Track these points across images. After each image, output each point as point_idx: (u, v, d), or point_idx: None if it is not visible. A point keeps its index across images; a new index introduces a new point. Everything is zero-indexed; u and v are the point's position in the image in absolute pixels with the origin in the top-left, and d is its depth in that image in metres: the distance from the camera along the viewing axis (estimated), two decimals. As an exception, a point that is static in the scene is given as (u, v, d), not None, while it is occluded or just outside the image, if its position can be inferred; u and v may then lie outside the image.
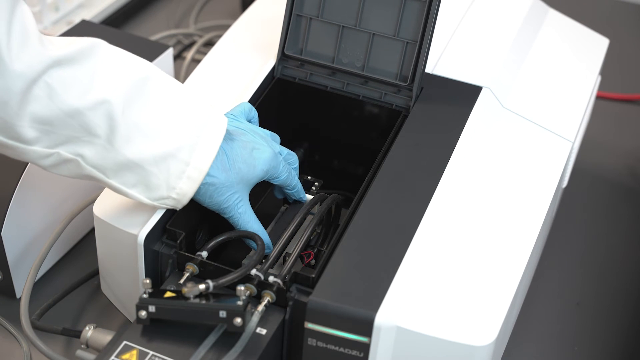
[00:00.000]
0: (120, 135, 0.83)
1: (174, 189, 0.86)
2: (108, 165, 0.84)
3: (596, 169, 1.30)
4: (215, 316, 0.81)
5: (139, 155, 0.84)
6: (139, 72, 0.85)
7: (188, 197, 0.87)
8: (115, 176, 0.85)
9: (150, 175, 0.85)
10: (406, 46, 1.01)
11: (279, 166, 0.93)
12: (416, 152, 0.96)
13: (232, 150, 0.89)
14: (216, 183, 0.87)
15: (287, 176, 0.95)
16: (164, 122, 0.85)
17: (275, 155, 0.93)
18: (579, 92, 1.12)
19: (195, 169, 0.85)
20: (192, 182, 0.86)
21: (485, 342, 0.80)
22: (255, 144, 0.92)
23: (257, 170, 0.91)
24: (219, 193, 0.88)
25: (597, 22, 1.37)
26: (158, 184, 0.85)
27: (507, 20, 1.16)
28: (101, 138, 0.83)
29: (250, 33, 1.15)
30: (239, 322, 0.81)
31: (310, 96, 1.05)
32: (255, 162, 0.90)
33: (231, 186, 0.89)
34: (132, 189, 0.86)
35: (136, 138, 0.84)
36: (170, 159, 0.85)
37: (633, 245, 1.18)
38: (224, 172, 0.88)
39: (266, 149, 0.92)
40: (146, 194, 0.86)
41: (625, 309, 1.09)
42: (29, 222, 1.02)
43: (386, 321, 0.80)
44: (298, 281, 0.84)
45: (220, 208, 0.90)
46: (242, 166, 0.89)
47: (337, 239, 0.87)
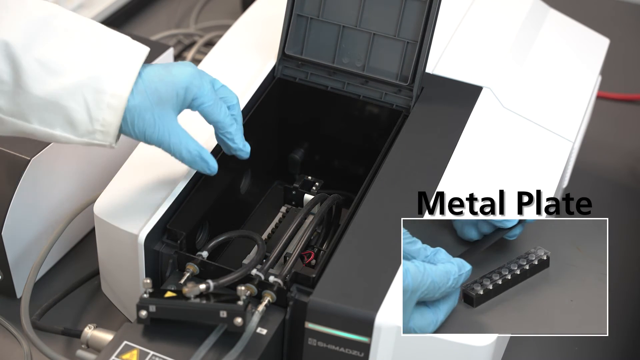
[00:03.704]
0: (27, 75, 0.80)
1: (97, 120, 0.82)
2: (24, 109, 0.82)
3: (596, 169, 1.30)
4: (215, 316, 0.81)
5: (51, 91, 0.81)
6: (42, 11, 0.83)
7: (114, 127, 0.83)
8: (36, 119, 0.82)
9: (70, 111, 0.82)
10: (406, 46, 1.01)
11: (203, 87, 0.86)
12: (416, 152, 0.96)
13: (149, 72, 0.85)
14: (132, 108, 0.83)
15: (213, 105, 0.87)
16: (71, 56, 0.82)
17: (199, 74, 0.86)
18: (580, 92, 1.12)
19: (113, 96, 0.82)
20: (114, 110, 0.82)
21: (485, 342, 0.80)
22: (174, 64, 0.87)
23: (176, 87, 0.84)
24: (139, 118, 0.84)
25: (598, 22, 1.37)
26: (80, 119, 0.82)
27: (507, 20, 1.16)
28: (8, 83, 0.81)
29: (251, 33, 1.15)
30: (240, 322, 0.81)
31: (310, 96, 1.05)
32: (174, 79, 0.85)
33: (149, 108, 0.84)
34: (56, 129, 0.83)
35: (44, 75, 0.81)
36: (86, 89, 0.81)
37: (633, 245, 1.18)
38: (139, 95, 0.83)
39: (186, 66, 0.86)
40: (72, 132, 0.83)
41: (625, 309, 1.08)
42: (29, 222, 1.01)
43: (386, 321, 0.80)
44: (298, 281, 0.84)
45: (148, 137, 0.85)
46: (159, 85, 0.84)
47: (338, 239, 0.87)
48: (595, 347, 1.03)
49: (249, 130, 0.99)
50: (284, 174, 1.10)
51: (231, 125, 0.89)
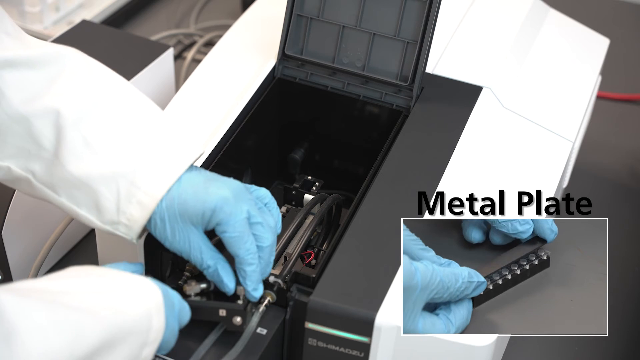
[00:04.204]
0: (68, 150, 0.78)
1: (124, 213, 0.79)
2: (56, 182, 0.79)
3: (596, 169, 1.30)
4: (215, 314, 0.81)
5: (86, 172, 0.78)
6: (104, 86, 0.80)
7: (139, 225, 0.79)
8: (64, 194, 0.79)
9: (100, 196, 0.79)
10: (407, 46, 1.01)
11: (234, 216, 0.79)
12: (416, 152, 0.96)
13: (189, 178, 0.80)
14: (158, 211, 0.79)
15: (237, 238, 0.79)
16: (116, 141, 0.79)
17: (235, 201, 0.79)
18: (580, 92, 1.12)
19: (146, 194, 0.78)
20: (143, 208, 0.79)
21: (485, 342, 0.80)
22: (217, 180, 0.81)
23: (205, 207, 0.78)
24: (162, 224, 0.79)
25: (598, 22, 1.37)
26: (108, 207, 0.79)
27: (507, 20, 1.16)
28: (48, 151, 0.78)
29: (251, 33, 1.15)
30: (239, 321, 0.81)
31: (310, 96, 1.05)
32: (206, 198, 0.79)
33: (174, 218, 0.79)
34: (82, 208, 0.80)
35: (84, 154, 0.78)
36: (121, 179, 0.78)
37: (633, 245, 1.18)
38: (168, 201, 0.79)
39: (225, 189, 0.79)
40: (97, 216, 0.80)
41: (625, 309, 1.08)
42: (29, 222, 1.01)
43: (387, 321, 0.80)
44: (298, 281, 0.84)
45: (168, 245, 0.81)
46: (189, 199, 0.79)
47: (338, 239, 0.87)
48: (595, 347, 1.03)
49: (249, 131, 1.00)
50: (284, 174, 1.10)
51: (250, 265, 0.80)
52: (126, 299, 0.72)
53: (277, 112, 1.07)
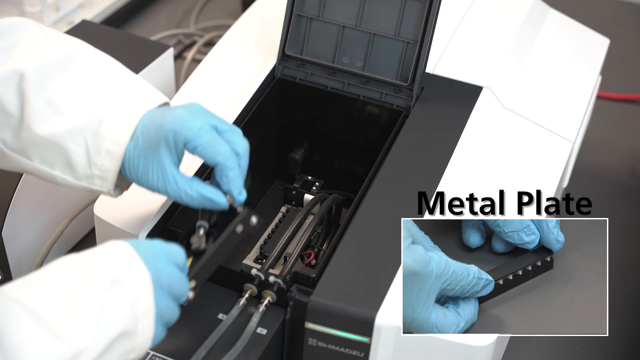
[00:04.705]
0: (32, 113, 0.79)
1: (96, 165, 0.80)
2: (27, 146, 0.80)
3: (596, 169, 1.30)
4: (235, 236, 0.79)
5: (53, 131, 0.79)
6: (65, 49, 0.81)
7: (112, 174, 0.80)
8: (37, 158, 0.80)
9: (70, 152, 0.79)
10: (407, 46, 1.01)
11: (197, 129, 0.78)
12: (416, 152, 0.96)
13: (148, 116, 0.81)
14: (127, 153, 0.80)
15: (210, 146, 0.78)
16: (80, 98, 0.80)
17: (192, 116, 0.79)
18: (580, 92, 1.12)
19: (112, 141, 0.79)
20: (112, 156, 0.79)
21: (485, 342, 0.80)
22: (174, 107, 0.82)
23: (164, 130, 0.78)
24: (134, 165, 0.80)
25: (598, 22, 1.37)
26: (79, 161, 0.80)
27: (507, 21, 1.16)
28: (15, 118, 0.79)
29: (251, 33, 1.15)
30: (255, 220, 0.80)
31: (310, 96, 1.05)
32: (164, 120, 0.79)
33: (143, 154, 0.80)
34: (56, 169, 0.81)
35: (48, 115, 0.79)
36: (87, 131, 0.79)
37: (633, 245, 1.18)
38: (134, 141, 0.80)
39: (180, 109, 0.80)
40: (71, 174, 0.81)
41: (625, 309, 1.09)
42: (29, 222, 1.02)
43: (387, 321, 0.80)
44: (299, 281, 0.84)
45: (144, 184, 0.81)
46: (151, 129, 0.79)
47: (338, 239, 0.87)
48: (595, 347, 1.03)
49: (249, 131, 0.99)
50: (284, 174, 1.10)
51: (232, 169, 0.80)
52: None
53: (277, 112, 1.07)
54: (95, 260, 0.70)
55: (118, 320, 0.68)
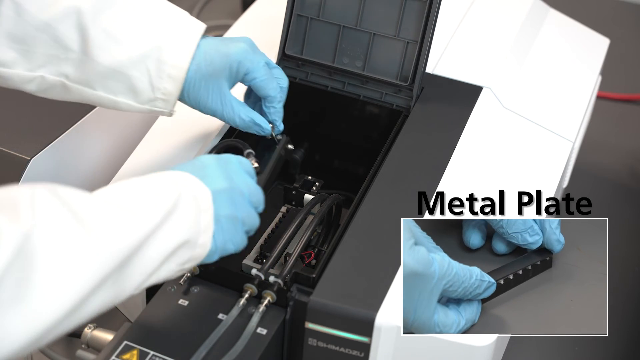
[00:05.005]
0: (94, 44, 0.85)
1: (159, 89, 0.88)
2: (90, 77, 0.86)
3: (596, 169, 1.30)
4: (280, 157, 0.95)
5: (116, 60, 0.86)
6: None
7: (174, 96, 0.88)
8: (101, 87, 0.87)
9: (133, 79, 0.87)
10: (407, 46, 1.01)
11: (256, 63, 0.91)
12: (416, 152, 0.96)
13: (207, 44, 0.89)
14: (188, 78, 0.88)
15: (266, 80, 0.92)
16: (135, 27, 0.86)
17: (253, 51, 0.91)
18: (580, 92, 1.12)
19: (174, 67, 0.87)
20: (175, 81, 0.88)
21: (485, 342, 0.80)
22: (232, 39, 0.91)
23: (230, 60, 0.89)
24: (195, 88, 0.89)
25: (598, 22, 1.37)
26: (142, 87, 0.87)
27: (507, 20, 1.16)
28: (76, 51, 0.85)
29: (251, 33, 1.14)
30: (291, 147, 0.98)
31: (310, 96, 1.05)
32: (229, 52, 0.89)
33: (204, 79, 0.89)
34: (119, 96, 0.88)
35: (110, 45, 0.85)
36: (149, 59, 0.86)
37: (634, 245, 1.18)
38: (195, 66, 0.88)
39: (241, 42, 0.91)
40: (134, 99, 0.88)
41: (625, 309, 1.09)
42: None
43: (387, 321, 0.80)
44: (299, 281, 0.84)
45: (202, 106, 0.90)
46: (215, 58, 0.89)
47: (338, 239, 0.87)
48: (595, 347, 1.03)
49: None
50: (284, 174, 1.10)
51: (279, 102, 0.94)
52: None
53: (277, 112, 1.07)
54: (161, 178, 0.76)
55: (183, 229, 0.73)
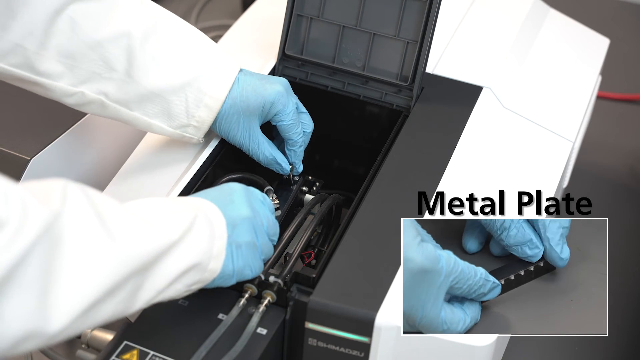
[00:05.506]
0: (139, 67, 0.89)
1: (194, 116, 0.92)
2: (130, 98, 0.90)
3: (596, 169, 1.30)
4: (300, 200, 1.03)
5: (158, 85, 0.90)
6: (155, 10, 0.92)
7: (207, 124, 0.93)
8: (138, 108, 0.91)
9: (170, 104, 0.91)
10: (407, 46, 1.01)
11: (288, 105, 0.95)
12: (417, 152, 0.96)
13: (245, 80, 0.94)
14: (223, 110, 0.93)
15: (292, 125, 0.97)
16: (179, 55, 0.91)
17: (287, 94, 0.96)
18: (580, 92, 1.12)
19: (211, 97, 0.92)
20: (210, 110, 0.92)
21: (485, 342, 0.80)
22: (269, 79, 0.96)
23: (264, 101, 0.94)
24: (227, 121, 0.93)
25: (598, 22, 1.37)
26: (178, 112, 0.92)
27: (507, 20, 1.16)
28: (120, 72, 0.89)
29: (251, 33, 1.15)
30: (306, 188, 1.03)
31: (310, 96, 1.05)
32: (265, 94, 0.94)
33: (237, 114, 0.93)
34: (154, 118, 0.92)
35: (154, 70, 0.90)
36: (188, 88, 0.91)
37: (634, 245, 1.18)
38: (231, 100, 0.93)
39: (278, 84, 0.95)
40: (168, 123, 0.92)
41: (625, 309, 1.09)
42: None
43: (387, 321, 0.80)
44: (299, 281, 0.84)
45: (231, 138, 0.95)
46: (250, 95, 0.93)
47: (338, 239, 0.87)
48: (595, 347, 1.03)
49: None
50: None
51: (300, 146, 0.99)
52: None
53: (277, 112, 1.07)
54: (182, 201, 0.79)
55: (195, 251, 0.75)
